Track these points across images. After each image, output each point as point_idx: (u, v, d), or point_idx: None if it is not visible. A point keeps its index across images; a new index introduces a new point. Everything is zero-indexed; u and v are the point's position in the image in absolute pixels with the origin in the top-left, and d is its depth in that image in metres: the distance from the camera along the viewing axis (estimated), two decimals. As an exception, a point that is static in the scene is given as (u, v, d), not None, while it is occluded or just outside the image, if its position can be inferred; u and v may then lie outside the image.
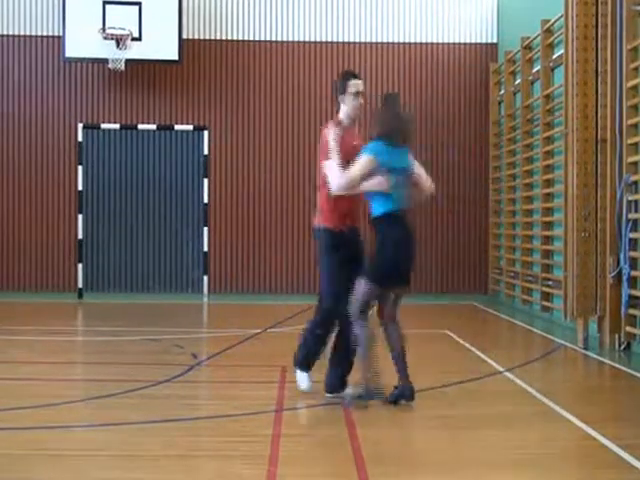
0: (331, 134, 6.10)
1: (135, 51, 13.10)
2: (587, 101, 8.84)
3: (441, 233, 14.17)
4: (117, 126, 13.95)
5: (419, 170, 6.21)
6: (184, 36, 13.60)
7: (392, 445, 5.06)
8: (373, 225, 6.09)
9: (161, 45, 13.24)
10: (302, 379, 6.34)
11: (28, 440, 5.08)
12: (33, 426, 5.39)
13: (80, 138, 13.88)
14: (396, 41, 14.22)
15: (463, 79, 14.25)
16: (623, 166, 8.44)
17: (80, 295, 13.78)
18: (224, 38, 14.16)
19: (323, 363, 6.34)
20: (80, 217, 13.87)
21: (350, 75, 6.31)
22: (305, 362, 6.36)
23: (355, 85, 6.20)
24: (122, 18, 13.03)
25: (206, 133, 14.04)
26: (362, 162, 5.92)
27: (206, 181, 14.04)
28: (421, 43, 14.24)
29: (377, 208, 6.03)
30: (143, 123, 14.00)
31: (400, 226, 6.04)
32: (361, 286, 5.98)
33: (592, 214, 8.81)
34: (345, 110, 6.22)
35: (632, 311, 8.31)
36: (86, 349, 9.26)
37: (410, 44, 14.24)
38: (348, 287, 6.04)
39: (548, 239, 11.17)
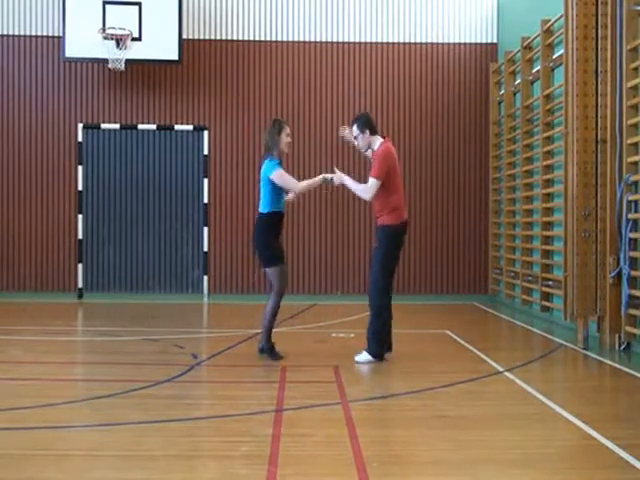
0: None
1: (135, 51, 13.09)
2: (587, 101, 8.85)
3: (441, 233, 14.17)
4: (117, 126, 13.96)
5: None
6: (184, 36, 13.60)
7: (392, 445, 5.06)
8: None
9: (161, 45, 13.24)
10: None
11: (28, 440, 5.09)
12: (33, 426, 5.39)
13: (80, 138, 13.89)
14: (396, 41, 14.23)
15: (463, 79, 14.25)
16: (623, 166, 8.44)
17: (80, 295, 13.79)
18: (224, 38, 14.17)
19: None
20: (80, 217, 13.88)
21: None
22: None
23: None
24: (122, 18, 13.03)
25: (206, 133, 14.04)
26: None
27: (206, 181, 14.05)
28: (421, 43, 14.25)
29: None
30: (143, 123, 14.01)
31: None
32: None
33: (592, 214, 8.82)
34: None
35: (632, 311, 8.31)
36: (86, 349, 9.26)
37: (410, 44, 14.24)
38: None
39: (548, 239, 11.18)
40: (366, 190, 7.80)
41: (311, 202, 14.10)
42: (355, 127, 7.89)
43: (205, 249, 14.05)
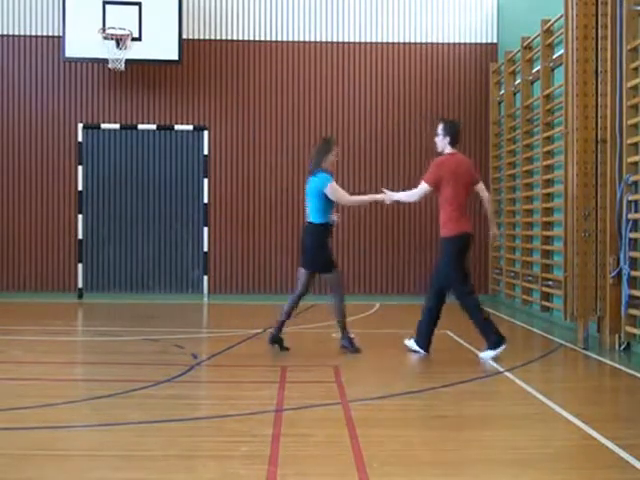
0: None
1: (135, 51, 13.10)
2: (587, 101, 8.84)
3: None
4: (117, 126, 13.96)
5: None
6: (184, 36, 13.60)
7: (392, 445, 5.06)
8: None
9: (161, 45, 13.24)
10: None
11: (28, 440, 5.08)
12: (33, 426, 5.39)
13: (80, 138, 13.89)
14: (396, 41, 14.23)
15: (463, 79, 14.25)
16: (623, 166, 8.44)
17: (80, 295, 13.79)
18: (224, 38, 14.17)
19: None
20: (80, 217, 13.88)
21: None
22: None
23: None
24: (122, 18, 13.03)
25: (206, 133, 14.04)
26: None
27: (206, 181, 14.05)
28: (421, 43, 14.25)
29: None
30: (143, 123, 14.01)
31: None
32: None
33: (592, 214, 8.81)
34: None
35: (632, 311, 8.31)
36: (86, 349, 9.26)
37: (410, 44, 14.24)
38: None
39: (548, 239, 11.17)
40: (413, 193, 8.36)
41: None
42: (441, 127, 8.30)
43: (205, 249, 14.05)
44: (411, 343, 8.33)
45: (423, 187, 8.17)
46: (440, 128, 8.31)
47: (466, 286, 8.12)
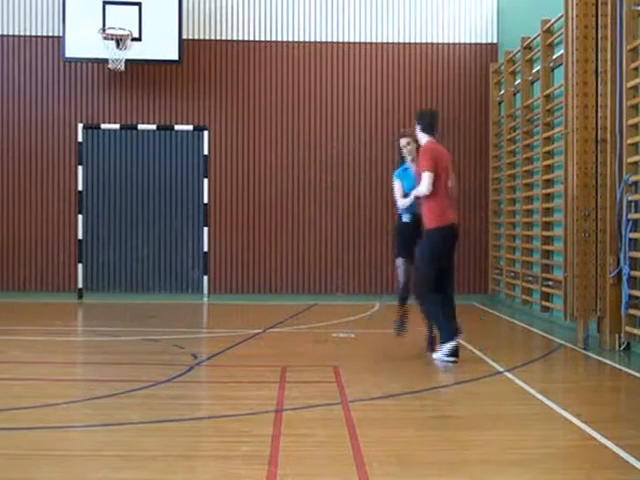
0: None
1: (135, 51, 13.10)
2: (587, 101, 8.84)
3: (441, 233, 14.16)
4: (117, 126, 13.96)
5: None
6: (184, 36, 13.60)
7: (392, 445, 5.06)
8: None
9: (161, 45, 13.24)
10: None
11: (28, 440, 5.08)
12: (33, 426, 5.39)
13: (80, 138, 13.88)
14: (396, 41, 14.23)
15: (463, 79, 14.25)
16: (623, 166, 8.44)
17: (80, 295, 13.78)
18: (224, 38, 14.17)
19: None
20: (80, 217, 13.87)
21: None
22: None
23: None
24: (122, 18, 13.04)
25: (206, 133, 14.04)
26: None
27: (206, 181, 14.05)
28: (421, 43, 14.25)
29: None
30: (143, 123, 14.01)
31: None
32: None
33: (592, 214, 8.81)
34: None
35: (632, 311, 8.31)
36: (86, 349, 9.26)
37: (410, 44, 14.24)
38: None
39: (548, 239, 11.17)
40: (422, 185, 7.87)
41: (311, 202, 14.10)
42: (416, 117, 8.32)
43: (205, 249, 14.05)
44: (439, 355, 7.80)
45: (429, 175, 7.78)
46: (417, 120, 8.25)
47: (432, 282, 7.86)
